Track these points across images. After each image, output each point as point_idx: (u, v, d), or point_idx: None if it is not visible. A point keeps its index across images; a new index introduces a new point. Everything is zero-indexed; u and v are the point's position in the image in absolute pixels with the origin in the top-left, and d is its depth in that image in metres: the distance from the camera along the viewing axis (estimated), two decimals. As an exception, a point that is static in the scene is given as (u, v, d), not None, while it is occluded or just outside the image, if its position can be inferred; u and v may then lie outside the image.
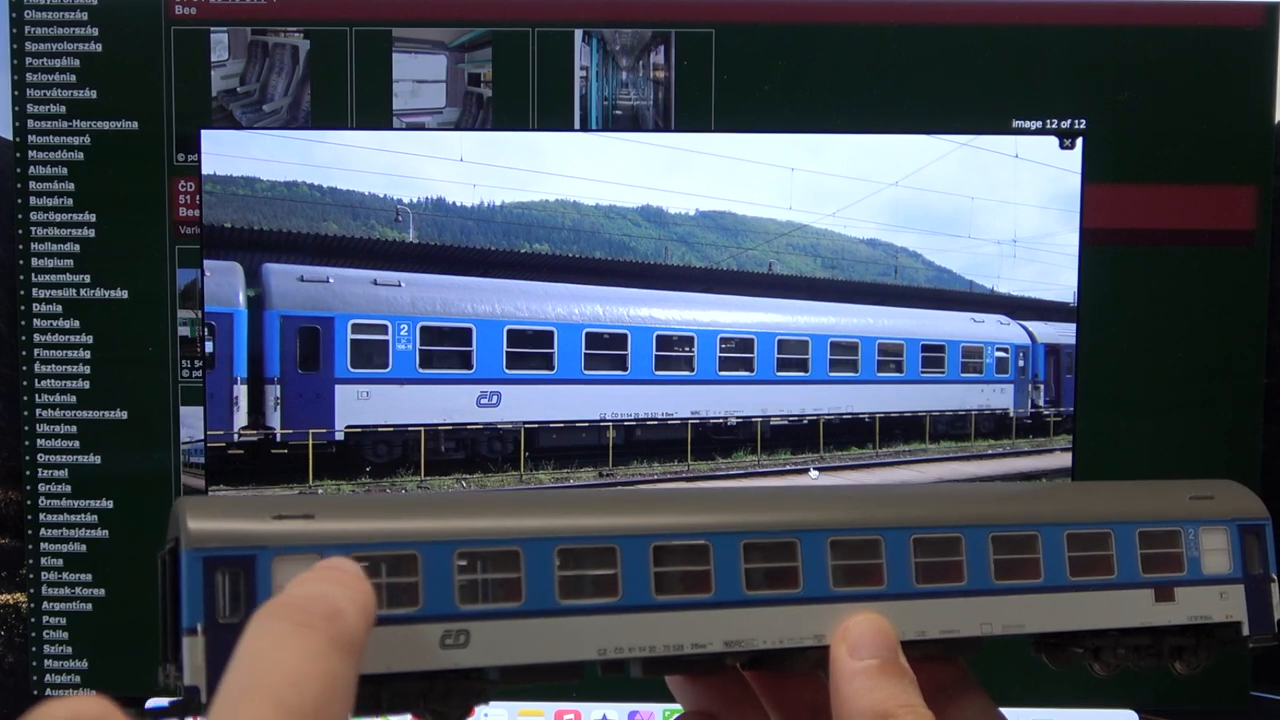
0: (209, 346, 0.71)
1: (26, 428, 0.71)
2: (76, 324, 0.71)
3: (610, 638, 0.29)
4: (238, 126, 0.70)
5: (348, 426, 0.84)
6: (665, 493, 0.73)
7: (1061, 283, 0.72)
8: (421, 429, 0.82)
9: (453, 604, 0.28)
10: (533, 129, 0.70)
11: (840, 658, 0.30)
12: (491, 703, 0.72)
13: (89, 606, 0.71)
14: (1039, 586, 0.34)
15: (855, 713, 0.29)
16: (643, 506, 0.31)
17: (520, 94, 0.70)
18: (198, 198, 0.70)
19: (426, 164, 0.72)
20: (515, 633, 0.28)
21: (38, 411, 0.71)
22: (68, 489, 0.71)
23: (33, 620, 0.71)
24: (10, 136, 0.70)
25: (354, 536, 0.27)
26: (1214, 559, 0.36)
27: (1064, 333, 0.72)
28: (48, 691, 0.72)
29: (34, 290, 0.71)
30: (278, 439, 0.79)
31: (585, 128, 0.71)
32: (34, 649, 0.71)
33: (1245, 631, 0.36)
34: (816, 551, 0.31)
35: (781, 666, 0.32)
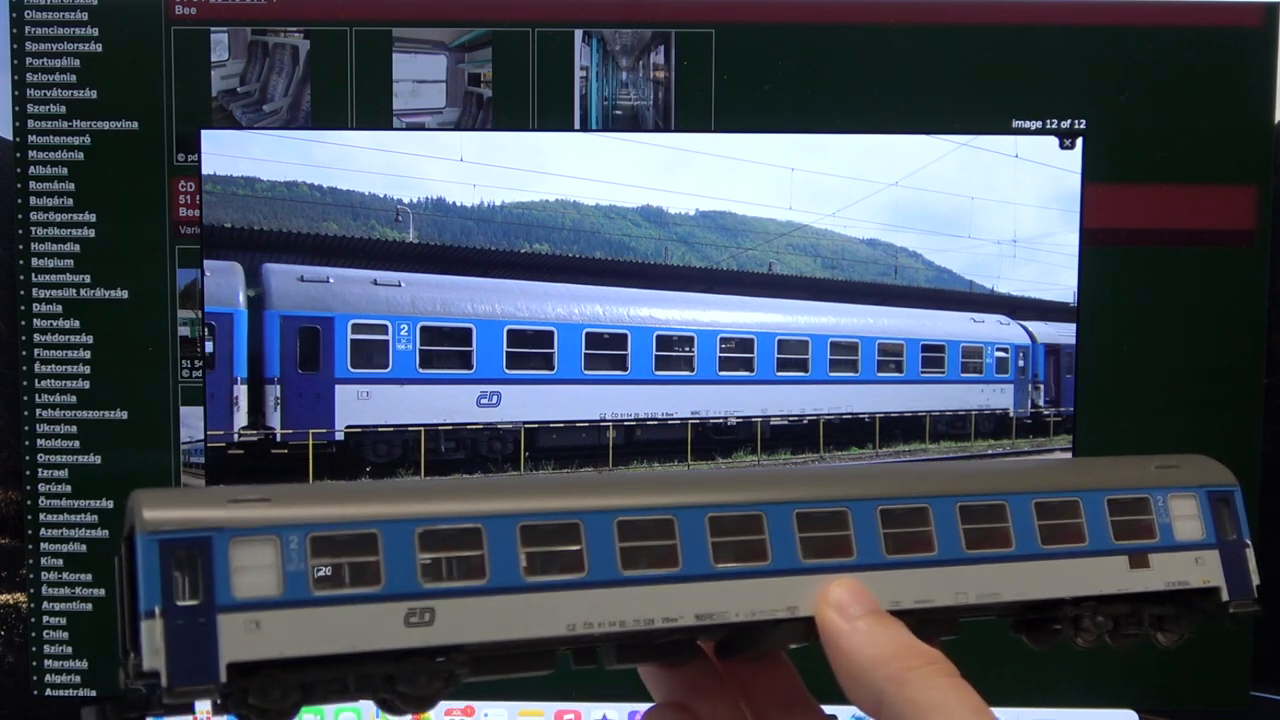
0: (209, 346, 0.71)
1: (26, 428, 0.71)
2: (76, 324, 0.71)
3: (579, 613, 0.29)
4: (238, 126, 0.70)
5: (348, 426, 0.84)
6: (629, 475, 0.73)
7: (1061, 283, 0.72)
8: (421, 429, 0.82)
9: (416, 582, 0.28)
10: (533, 129, 0.70)
11: (830, 619, 0.31)
12: (491, 702, 0.72)
13: (89, 606, 0.71)
14: (1011, 555, 0.34)
15: (864, 663, 0.30)
16: (606, 486, 0.31)
17: (520, 94, 0.70)
18: (198, 198, 0.70)
19: (426, 164, 0.72)
20: (481, 610, 0.28)
21: (38, 411, 0.71)
22: (68, 489, 0.71)
23: (33, 620, 0.71)
24: (10, 136, 0.70)
25: (312, 518, 0.27)
26: (1186, 525, 0.36)
27: (1064, 333, 0.72)
28: (48, 691, 0.72)
29: (34, 290, 0.71)
30: (278, 439, 0.79)
31: (585, 128, 0.71)
32: (34, 649, 0.71)
33: (1225, 598, 0.36)
34: (783, 524, 0.31)
35: (755, 646, 0.32)
